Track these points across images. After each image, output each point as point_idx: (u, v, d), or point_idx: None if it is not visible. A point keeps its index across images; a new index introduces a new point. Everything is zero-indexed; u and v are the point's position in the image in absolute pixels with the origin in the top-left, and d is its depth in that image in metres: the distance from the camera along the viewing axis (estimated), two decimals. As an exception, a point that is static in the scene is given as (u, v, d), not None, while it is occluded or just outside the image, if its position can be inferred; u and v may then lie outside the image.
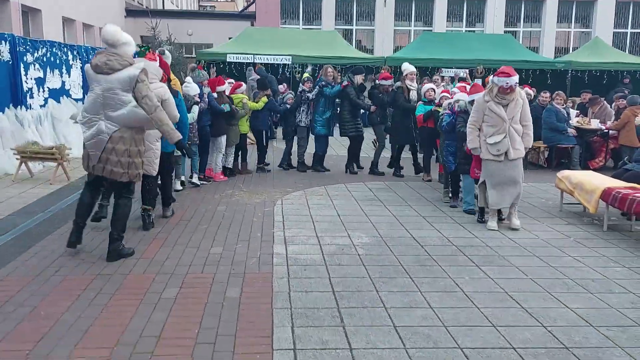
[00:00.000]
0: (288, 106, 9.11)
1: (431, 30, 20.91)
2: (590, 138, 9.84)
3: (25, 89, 9.24)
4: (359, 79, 8.90)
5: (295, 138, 9.24)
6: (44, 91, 9.92)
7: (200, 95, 7.51)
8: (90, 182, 4.87)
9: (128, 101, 4.54)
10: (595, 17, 22.08)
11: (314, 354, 3.19)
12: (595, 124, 9.78)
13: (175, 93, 6.41)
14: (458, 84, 8.59)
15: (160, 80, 5.57)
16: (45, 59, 10.00)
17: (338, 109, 9.24)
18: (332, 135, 9.36)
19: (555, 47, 22.12)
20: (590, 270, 4.70)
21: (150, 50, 5.88)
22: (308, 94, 8.93)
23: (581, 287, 4.30)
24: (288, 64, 15.98)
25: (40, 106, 9.70)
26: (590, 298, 4.10)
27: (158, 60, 5.82)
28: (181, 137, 4.86)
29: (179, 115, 5.45)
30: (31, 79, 9.48)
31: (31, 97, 9.46)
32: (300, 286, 4.19)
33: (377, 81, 9.14)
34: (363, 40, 22.24)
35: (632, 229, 5.98)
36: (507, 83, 5.68)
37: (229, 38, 18.69)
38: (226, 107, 7.86)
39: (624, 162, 7.95)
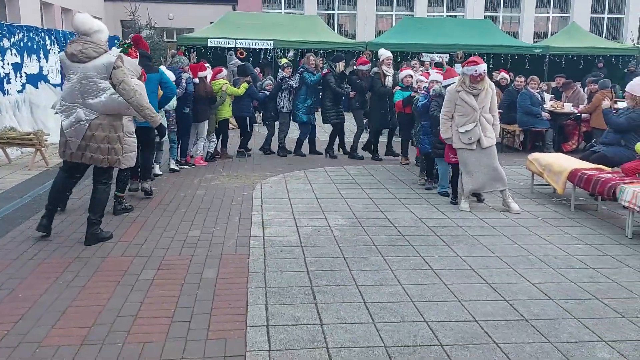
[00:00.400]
0: (267, 92, 9.16)
1: (412, 16, 20.98)
2: (564, 121, 10.06)
3: (2, 74, 9.17)
4: (340, 66, 8.97)
5: (277, 123, 9.30)
6: (21, 76, 9.83)
7: (179, 82, 7.53)
8: (66, 169, 4.90)
9: (106, 88, 4.58)
10: (573, 2, 22.31)
11: (285, 329, 3.32)
12: (568, 107, 10.00)
13: (156, 70, 6.51)
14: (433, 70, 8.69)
15: (140, 78, 5.60)
16: (22, 44, 9.90)
17: (320, 94, 9.29)
18: (315, 121, 9.36)
19: (534, 32, 22.35)
20: (554, 247, 4.89)
21: (133, 47, 5.90)
22: (290, 82, 8.96)
23: (544, 264, 4.48)
24: (270, 49, 15.94)
25: (18, 92, 9.63)
26: (551, 273, 4.28)
27: (138, 55, 5.88)
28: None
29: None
30: (8, 64, 9.40)
31: (8, 82, 9.38)
32: (276, 266, 4.30)
33: (355, 67, 9.21)
34: (345, 25, 22.24)
35: (597, 209, 6.20)
36: (476, 71, 5.84)
37: (211, 22, 18.53)
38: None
39: (591, 144, 8.18)
